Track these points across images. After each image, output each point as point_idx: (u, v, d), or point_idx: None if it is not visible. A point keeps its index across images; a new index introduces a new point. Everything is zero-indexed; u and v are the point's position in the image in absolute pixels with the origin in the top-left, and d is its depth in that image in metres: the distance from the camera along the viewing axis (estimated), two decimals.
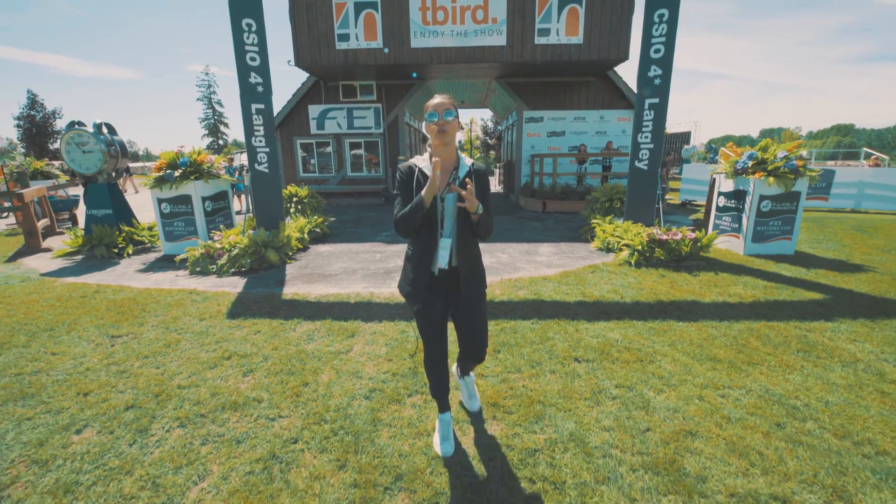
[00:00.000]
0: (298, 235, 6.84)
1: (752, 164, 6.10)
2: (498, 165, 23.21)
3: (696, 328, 3.65)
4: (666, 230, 5.90)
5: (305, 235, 7.07)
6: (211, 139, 56.29)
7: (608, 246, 6.45)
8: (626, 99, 11.98)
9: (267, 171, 6.52)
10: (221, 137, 57.38)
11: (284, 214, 7.41)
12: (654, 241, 5.77)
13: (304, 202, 9.16)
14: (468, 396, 2.54)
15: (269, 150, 6.47)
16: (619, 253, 6.00)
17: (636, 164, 6.48)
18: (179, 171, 6.35)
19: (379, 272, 5.53)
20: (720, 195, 6.72)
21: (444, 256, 1.97)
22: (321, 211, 9.30)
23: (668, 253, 5.68)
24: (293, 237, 6.64)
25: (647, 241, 5.78)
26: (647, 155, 6.40)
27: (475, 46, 10.24)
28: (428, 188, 1.82)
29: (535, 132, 12.48)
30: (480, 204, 1.90)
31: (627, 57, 10.17)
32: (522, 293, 4.57)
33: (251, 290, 4.86)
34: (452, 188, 1.87)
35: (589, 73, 11.71)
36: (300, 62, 10.55)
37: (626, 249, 5.92)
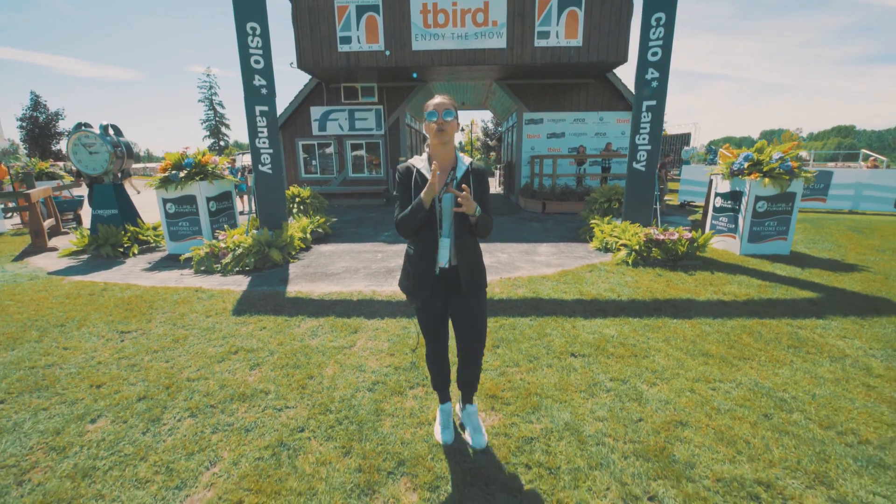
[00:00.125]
0: (301, 235, 6.95)
1: (747, 165, 6.19)
2: (498, 167, 23.30)
3: (689, 325, 3.75)
4: (663, 230, 6.00)
5: (308, 235, 7.17)
6: (212, 140, 56.49)
7: (606, 246, 6.55)
8: (625, 101, 12.08)
9: (270, 171, 6.63)
10: (223, 139, 57.57)
11: (287, 215, 7.52)
12: (651, 240, 5.87)
13: (306, 202, 9.26)
14: (472, 430, 2.26)
15: (272, 151, 6.58)
16: (616, 253, 6.09)
17: (634, 165, 6.58)
18: (184, 171, 6.46)
19: (381, 271, 5.63)
20: (717, 196, 6.82)
21: (444, 255, 1.98)
22: (323, 211, 9.41)
23: (664, 252, 5.77)
24: (296, 237, 6.74)
25: (644, 241, 5.88)
26: (644, 156, 6.49)
27: (476, 49, 10.35)
28: (427, 191, 1.83)
29: (534, 134, 12.58)
30: (478, 206, 1.89)
31: (626, 59, 10.27)
32: (521, 291, 4.67)
33: (255, 288, 4.96)
34: (449, 189, 1.89)
35: (588, 75, 11.81)
36: (302, 64, 10.67)
37: (623, 249, 6.02)
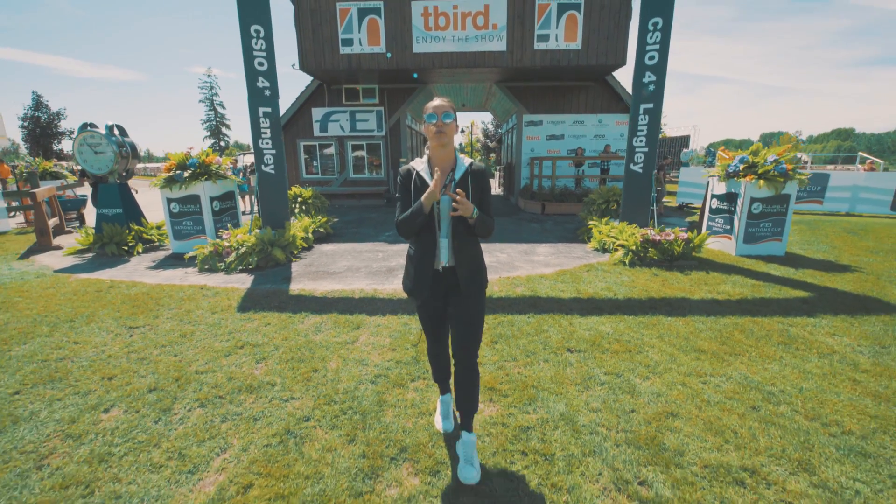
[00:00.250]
0: (303, 235, 7.05)
1: (743, 167, 6.30)
2: (498, 168, 23.42)
3: (683, 322, 3.85)
4: (659, 231, 6.10)
5: (310, 235, 7.27)
6: (213, 141, 56.68)
7: (604, 246, 6.65)
8: (623, 103, 12.20)
9: (273, 172, 6.74)
10: (223, 139, 57.76)
11: (290, 214, 7.62)
12: (647, 241, 5.97)
13: (308, 203, 9.36)
14: (464, 460, 2.04)
15: (275, 151, 6.69)
16: (614, 253, 6.19)
17: (631, 167, 6.69)
18: (189, 171, 6.56)
19: (382, 270, 5.73)
20: (713, 197, 6.92)
21: (442, 256, 2.01)
22: (325, 211, 9.50)
23: (661, 253, 5.87)
24: (298, 236, 6.84)
25: (640, 241, 5.98)
26: (641, 158, 6.60)
27: (476, 51, 10.47)
28: (427, 195, 1.86)
29: (534, 135, 12.70)
30: (476, 208, 1.91)
31: (625, 62, 10.39)
32: (520, 290, 4.77)
33: (259, 286, 5.05)
34: (446, 192, 1.91)
35: (588, 77, 11.93)
36: (305, 66, 10.78)
37: (620, 249, 6.12)
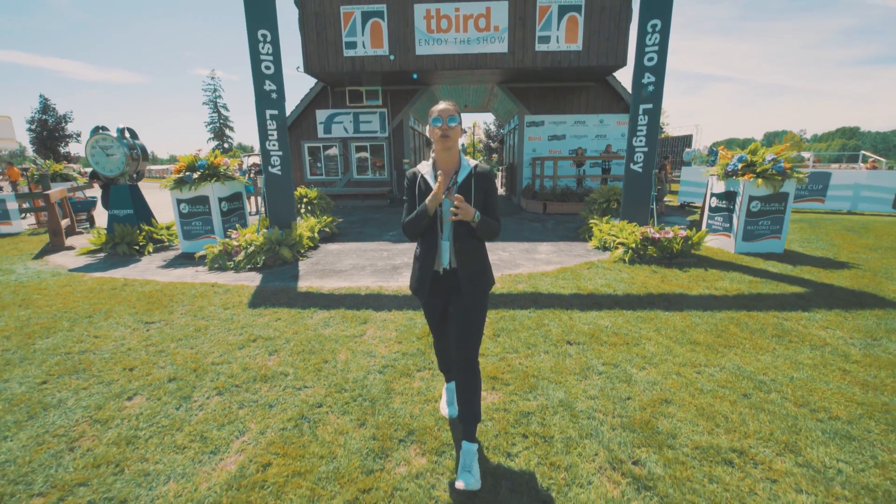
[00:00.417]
0: (309, 234, 7.20)
1: (741, 166, 6.40)
2: (500, 168, 23.54)
3: (680, 317, 3.96)
4: (659, 229, 6.21)
5: (316, 234, 7.43)
6: (216, 143, 57.07)
7: (605, 244, 6.76)
8: (624, 103, 12.30)
9: (280, 173, 6.89)
10: (227, 140, 58.15)
11: (296, 214, 7.77)
12: (647, 239, 6.09)
13: (313, 203, 9.52)
14: (462, 467, 1.94)
15: (282, 153, 6.84)
16: (614, 251, 6.31)
17: (631, 166, 6.80)
18: (198, 173, 6.72)
19: (386, 268, 5.87)
20: (713, 196, 7.03)
21: (444, 258, 2.02)
22: (329, 212, 9.67)
23: (660, 250, 5.99)
24: (305, 236, 6.99)
25: (640, 239, 6.09)
26: (641, 158, 6.71)
27: (478, 53, 10.62)
28: (431, 199, 1.89)
29: (536, 136, 12.82)
30: (477, 212, 1.91)
31: (625, 63, 10.50)
32: (521, 287, 4.89)
33: (268, 283, 5.20)
34: (448, 196, 1.93)
35: (588, 78, 12.04)
36: (309, 69, 10.96)
37: (620, 247, 6.24)
